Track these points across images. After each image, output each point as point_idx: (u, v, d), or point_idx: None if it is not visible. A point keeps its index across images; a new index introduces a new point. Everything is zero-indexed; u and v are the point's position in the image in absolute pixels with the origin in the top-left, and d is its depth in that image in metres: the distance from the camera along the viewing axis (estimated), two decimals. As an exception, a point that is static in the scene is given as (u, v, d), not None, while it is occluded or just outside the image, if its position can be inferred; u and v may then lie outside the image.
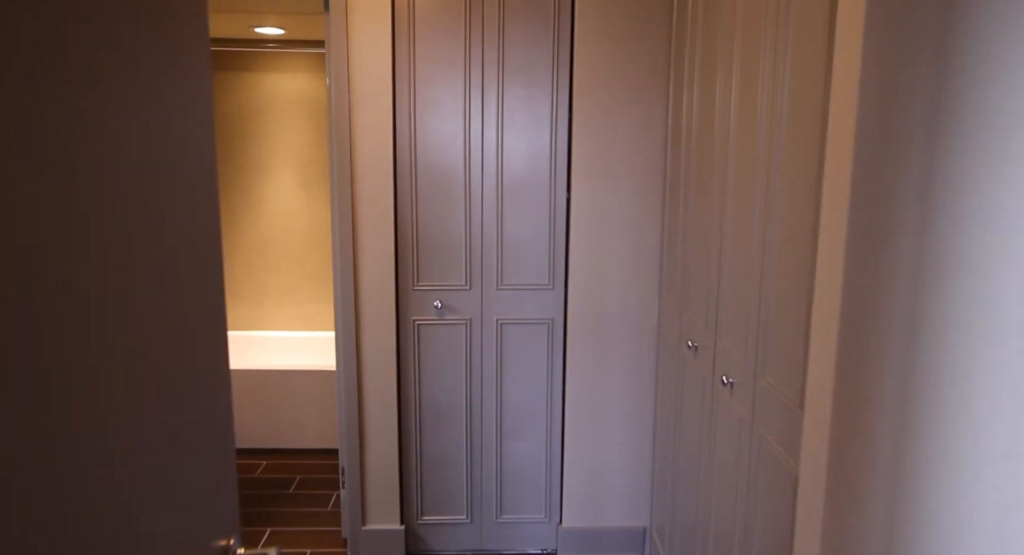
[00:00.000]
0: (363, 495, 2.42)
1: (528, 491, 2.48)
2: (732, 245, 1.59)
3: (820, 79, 1.13)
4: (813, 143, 1.16)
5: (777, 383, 1.32)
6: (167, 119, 0.66)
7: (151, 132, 0.63)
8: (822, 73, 1.12)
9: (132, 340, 0.59)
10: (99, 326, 0.54)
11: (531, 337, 2.38)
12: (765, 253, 1.38)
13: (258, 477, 3.07)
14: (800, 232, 1.21)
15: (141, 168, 0.61)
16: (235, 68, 3.59)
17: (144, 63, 0.62)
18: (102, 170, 0.54)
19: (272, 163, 3.69)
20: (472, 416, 2.42)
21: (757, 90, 1.43)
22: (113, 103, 0.56)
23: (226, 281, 3.77)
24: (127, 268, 0.58)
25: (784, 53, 1.30)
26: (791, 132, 1.26)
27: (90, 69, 0.53)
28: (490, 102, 2.24)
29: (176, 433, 0.68)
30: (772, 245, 1.34)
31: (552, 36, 2.21)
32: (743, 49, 1.53)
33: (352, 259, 2.27)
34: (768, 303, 1.36)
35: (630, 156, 2.26)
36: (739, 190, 1.54)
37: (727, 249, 1.62)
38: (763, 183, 1.39)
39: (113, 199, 0.56)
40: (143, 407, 0.61)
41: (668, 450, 2.19)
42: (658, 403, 2.34)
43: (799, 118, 1.22)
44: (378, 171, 2.23)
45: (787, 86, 1.28)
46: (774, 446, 1.33)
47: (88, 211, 0.52)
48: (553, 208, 2.31)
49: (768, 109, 1.37)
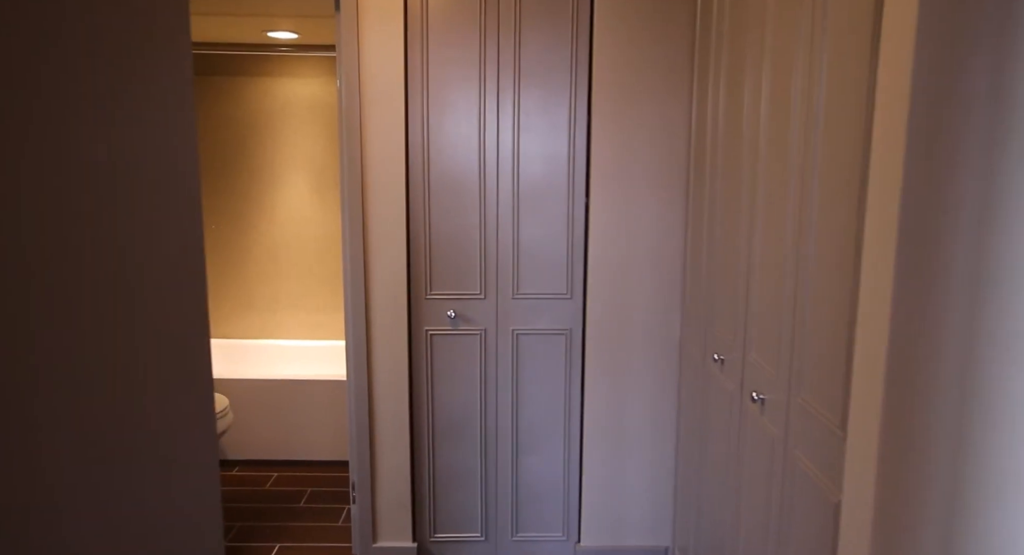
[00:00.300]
0: (374, 511, 2.35)
1: (545, 508, 2.39)
2: (762, 252, 1.50)
3: (863, 75, 1.05)
4: (855, 143, 1.07)
5: (814, 401, 1.22)
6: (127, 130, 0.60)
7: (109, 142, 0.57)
8: (866, 68, 1.04)
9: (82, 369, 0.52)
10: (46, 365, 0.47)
11: (548, 348, 2.30)
12: (800, 261, 1.29)
13: (268, 490, 3.01)
14: (840, 238, 1.12)
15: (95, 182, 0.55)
16: (248, 73, 3.57)
17: (112, 70, 0.56)
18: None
19: (285, 169, 3.65)
20: (487, 430, 2.34)
21: (790, 88, 1.34)
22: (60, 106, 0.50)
23: (239, 289, 3.74)
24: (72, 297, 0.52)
25: (821, 48, 1.21)
26: (829, 132, 1.17)
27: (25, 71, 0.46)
28: (506, 105, 2.17)
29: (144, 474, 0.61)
30: (808, 252, 1.25)
31: (570, 37, 2.14)
32: (775, 45, 1.44)
33: (363, 266, 2.21)
34: (803, 315, 1.27)
35: (651, 160, 2.17)
36: (770, 194, 1.45)
37: (756, 257, 1.53)
38: (797, 187, 1.30)
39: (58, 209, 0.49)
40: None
41: (692, 467, 2.09)
42: (681, 418, 2.24)
43: (839, 117, 1.13)
44: (390, 176, 2.17)
45: (825, 83, 1.19)
46: (811, 469, 1.23)
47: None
48: (571, 214, 2.23)
49: (803, 108, 1.28)
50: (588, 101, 2.17)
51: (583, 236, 2.24)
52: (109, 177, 0.55)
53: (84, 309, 0.51)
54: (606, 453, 2.32)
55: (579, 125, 2.19)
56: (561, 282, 2.26)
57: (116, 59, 0.56)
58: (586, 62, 2.16)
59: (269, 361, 3.71)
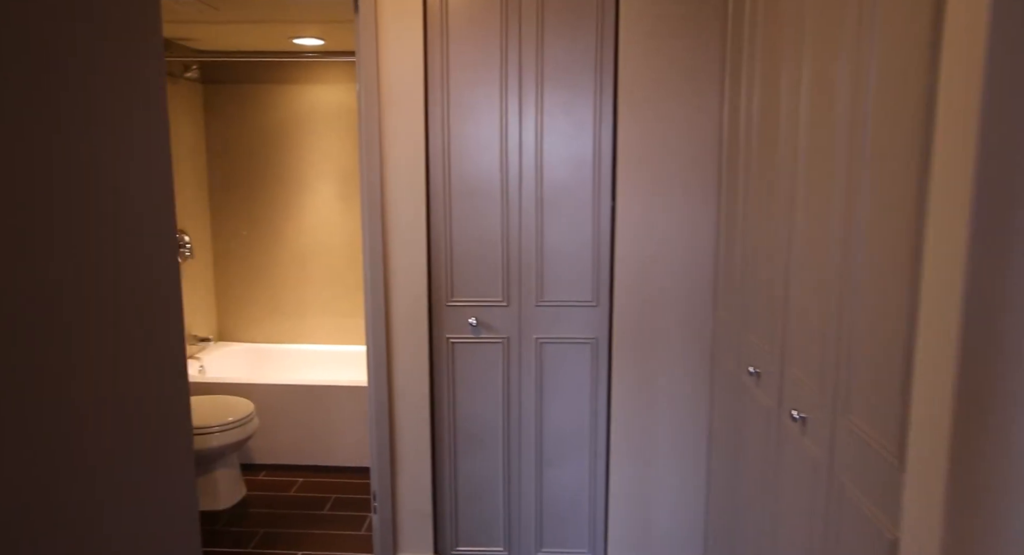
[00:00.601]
0: (395, 522, 2.29)
1: (570, 523, 2.30)
2: (803, 257, 1.38)
3: (923, 59, 0.94)
4: (913, 135, 0.96)
5: (864, 425, 1.11)
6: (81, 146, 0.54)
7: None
8: (926, 52, 0.93)
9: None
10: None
11: (573, 357, 2.20)
12: (847, 265, 1.17)
13: (292, 496, 2.98)
14: (896, 241, 1.01)
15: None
16: (275, 80, 3.57)
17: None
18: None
19: (312, 175, 3.64)
20: (510, 441, 2.26)
21: (835, 80, 1.23)
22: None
23: (267, 294, 3.74)
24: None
25: (871, 31, 1.10)
26: (881, 125, 1.06)
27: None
28: (528, 105, 2.09)
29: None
30: (856, 256, 1.14)
31: (595, 34, 2.05)
32: (816, 34, 1.33)
33: (382, 272, 2.15)
34: (851, 325, 1.16)
35: (681, 160, 2.07)
36: (812, 194, 1.34)
37: (796, 261, 1.42)
38: (843, 185, 1.19)
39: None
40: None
41: (725, 486, 1.98)
42: (713, 433, 2.13)
43: (893, 108, 1.02)
44: (410, 179, 2.12)
45: (875, 72, 1.08)
46: (860, 499, 1.12)
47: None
48: (597, 218, 2.13)
49: (849, 101, 1.17)
50: (614, 100, 2.08)
51: (609, 241, 2.14)
52: (71, 175, 0.49)
53: (52, 312, 0.45)
54: (634, 468, 2.21)
55: (605, 125, 2.10)
56: (587, 289, 2.17)
57: (79, 56, 0.50)
58: (611, 59, 2.06)
59: (297, 365, 3.70)
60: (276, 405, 3.19)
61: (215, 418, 2.75)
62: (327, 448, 3.22)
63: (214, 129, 3.64)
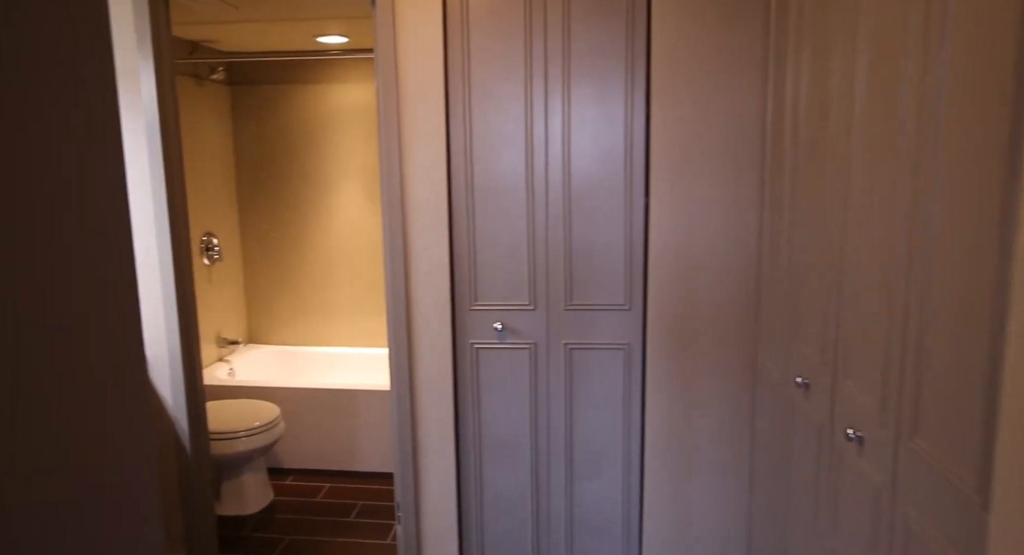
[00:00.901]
0: (419, 534, 2.21)
1: (603, 539, 2.18)
2: (859, 256, 1.24)
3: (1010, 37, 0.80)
4: (998, 127, 0.82)
5: (935, 450, 0.97)
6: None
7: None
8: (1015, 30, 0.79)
9: None
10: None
11: (605, 365, 2.09)
12: (913, 266, 1.03)
13: (319, 502, 2.94)
14: (977, 242, 0.87)
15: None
16: (300, 80, 3.54)
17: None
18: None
19: (338, 175, 3.61)
20: (538, 452, 2.15)
21: (898, 61, 1.09)
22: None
23: (294, 296, 3.72)
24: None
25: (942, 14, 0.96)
26: (956, 108, 0.92)
27: None
28: (555, 98, 1.98)
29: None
30: (924, 255, 1.00)
31: (625, 21, 1.93)
32: (874, 17, 1.19)
33: (404, 275, 2.07)
34: (919, 335, 1.02)
35: (719, 155, 1.93)
36: (869, 189, 1.20)
37: (851, 261, 1.28)
38: (909, 177, 1.05)
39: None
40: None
41: (770, 506, 1.83)
42: (755, 447, 1.98)
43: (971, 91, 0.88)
44: (431, 177, 2.03)
45: (949, 48, 0.94)
46: (929, 534, 0.98)
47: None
48: (629, 216, 2.01)
49: (916, 84, 1.03)
50: (647, 91, 1.95)
51: (643, 240, 2.01)
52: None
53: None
54: (670, 481, 2.08)
55: (637, 117, 1.97)
56: (619, 292, 2.05)
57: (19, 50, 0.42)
58: (643, 48, 1.94)
59: (324, 368, 3.67)
60: (304, 409, 3.16)
61: (242, 423, 2.72)
62: (354, 453, 3.17)
63: (241, 131, 3.63)
